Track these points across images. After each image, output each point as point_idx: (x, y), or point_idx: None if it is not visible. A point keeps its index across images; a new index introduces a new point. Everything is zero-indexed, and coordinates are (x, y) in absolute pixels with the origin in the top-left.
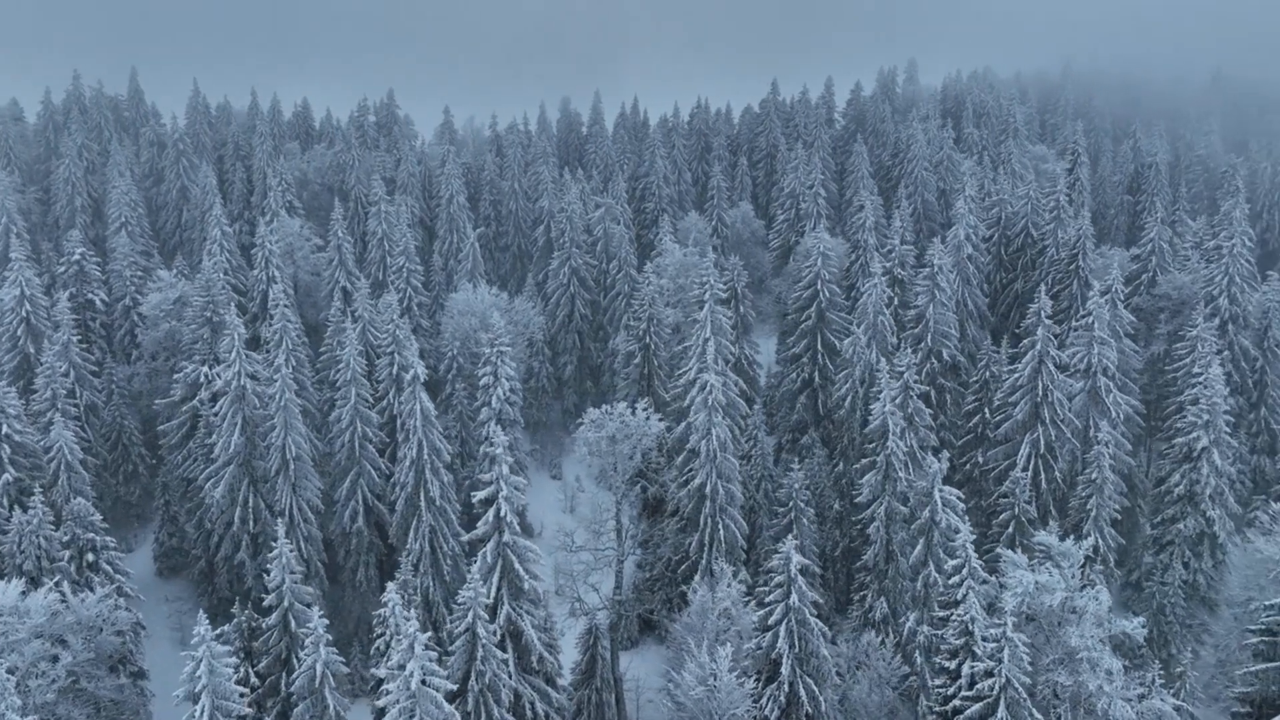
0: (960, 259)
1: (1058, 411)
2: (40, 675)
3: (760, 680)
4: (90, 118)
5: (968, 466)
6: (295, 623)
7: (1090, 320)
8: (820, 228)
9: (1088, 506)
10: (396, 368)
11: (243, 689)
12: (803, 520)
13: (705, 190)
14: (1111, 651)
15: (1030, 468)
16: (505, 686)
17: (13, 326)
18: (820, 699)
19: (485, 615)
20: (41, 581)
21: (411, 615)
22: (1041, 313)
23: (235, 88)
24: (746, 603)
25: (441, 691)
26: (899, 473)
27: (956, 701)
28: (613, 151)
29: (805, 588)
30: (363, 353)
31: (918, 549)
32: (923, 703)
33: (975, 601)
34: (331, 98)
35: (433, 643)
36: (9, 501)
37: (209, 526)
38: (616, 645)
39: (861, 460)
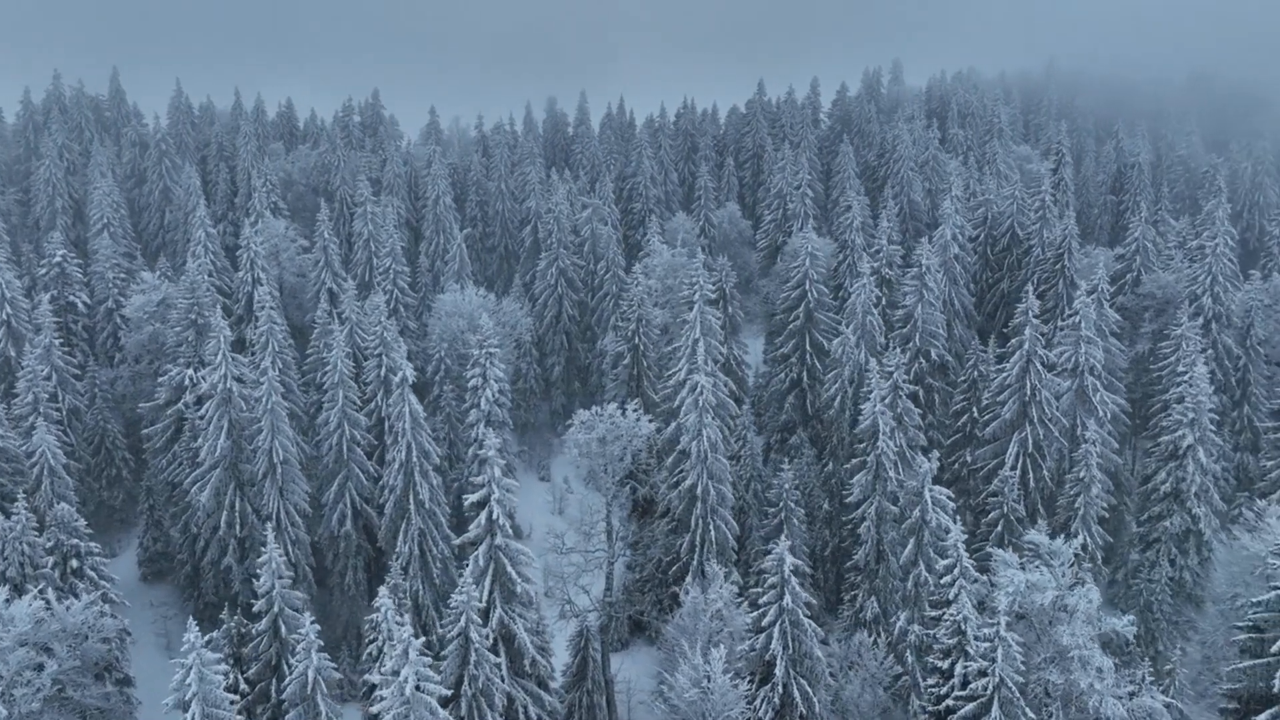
0: (947, 259)
1: (1045, 410)
2: (26, 684)
3: (754, 682)
4: (71, 118)
5: (956, 466)
6: (285, 628)
7: (1077, 320)
8: (808, 228)
9: (1076, 505)
10: (384, 370)
11: (232, 696)
12: (793, 520)
13: (692, 190)
14: (1101, 649)
15: (1018, 467)
16: (498, 691)
17: None
18: (814, 700)
19: (478, 619)
20: (25, 588)
21: (405, 620)
22: (1029, 312)
23: (218, 88)
24: (739, 604)
25: (435, 697)
26: (889, 472)
27: (950, 701)
28: (599, 152)
29: (799, 589)
30: (350, 355)
31: (908, 548)
32: (914, 702)
33: (967, 601)
34: (316, 98)
35: (424, 647)
36: None
37: (195, 531)
38: (607, 647)
39: (851, 460)
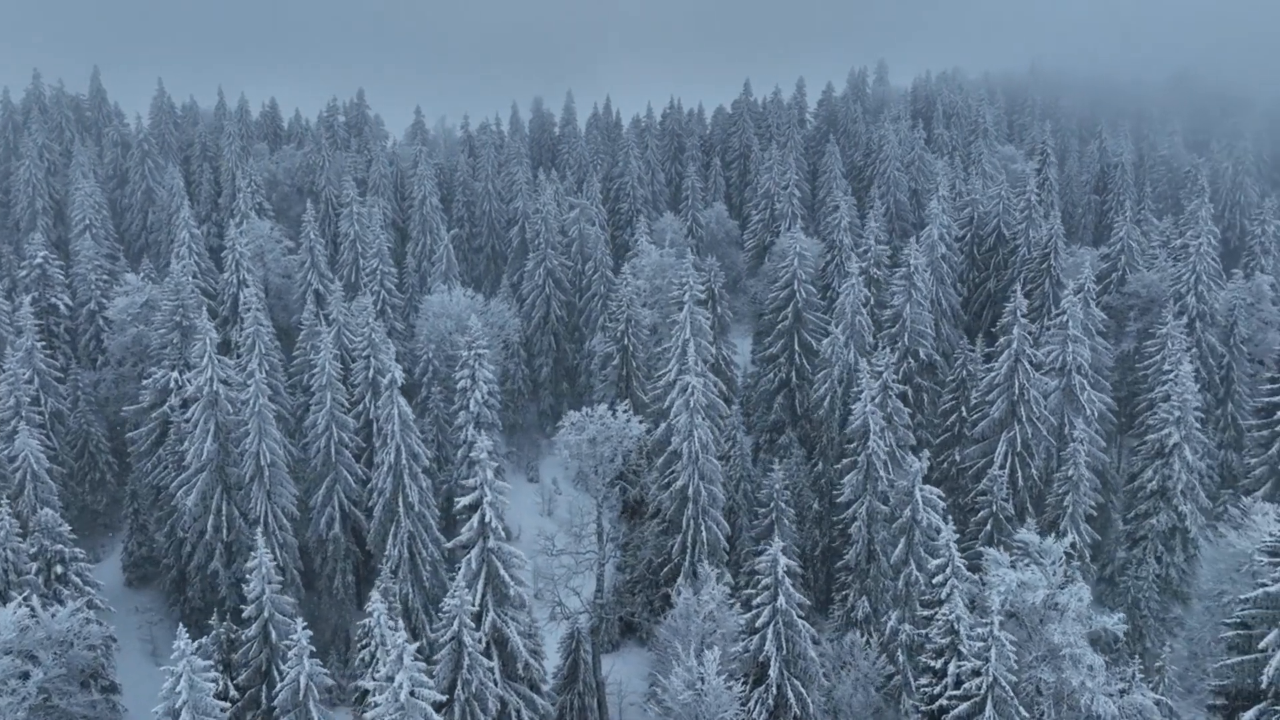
0: (934, 258)
1: (1034, 410)
2: (11, 693)
3: (748, 683)
4: (51, 118)
5: (945, 465)
6: (276, 634)
7: (1064, 319)
8: (796, 228)
9: (1064, 503)
10: (373, 372)
11: (223, 703)
12: (784, 521)
13: (679, 191)
14: (1091, 647)
15: (1007, 466)
16: (491, 695)
17: None
18: (808, 701)
19: (471, 623)
20: (9, 596)
21: (399, 625)
22: (1017, 312)
23: (201, 88)
24: (731, 605)
25: (429, 702)
26: (880, 472)
27: (943, 700)
28: (586, 152)
29: (792, 590)
30: (338, 356)
31: (899, 548)
32: (905, 701)
33: (960, 600)
34: (300, 98)
35: (415, 652)
36: None
37: (181, 535)
38: (598, 649)
39: (842, 460)
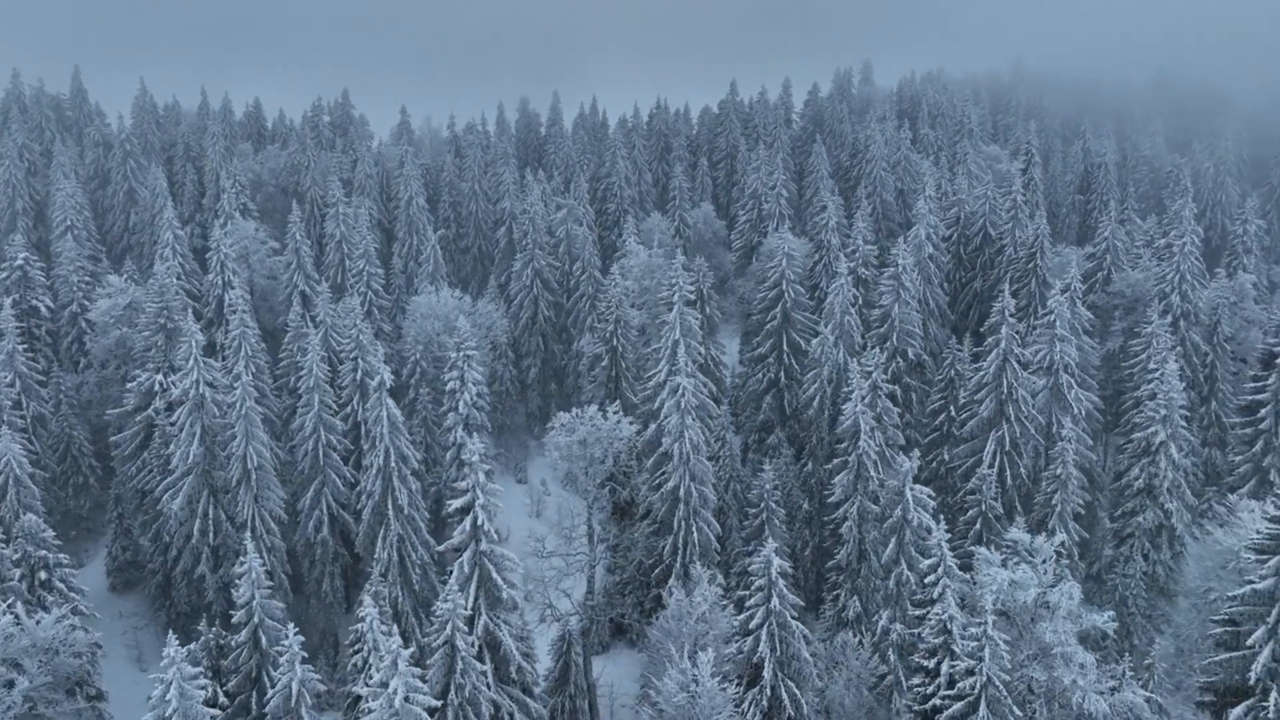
0: (922, 258)
1: (1022, 409)
2: None
3: (741, 684)
4: (31, 117)
5: (934, 464)
6: (266, 639)
7: (1052, 318)
8: (784, 228)
9: (1053, 502)
10: (361, 373)
11: (212, 710)
12: (774, 521)
13: (666, 191)
14: (1080, 645)
15: (996, 465)
16: (484, 699)
17: None
18: (802, 702)
19: (464, 627)
20: None
21: (393, 630)
22: (1005, 311)
23: (183, 88)
24: (723, 606)
25: (423, 708)
26: (870, 472)
27: (936, 700)
28: (573, 152)
29: (785, 591)
30: (325, 358)
31: (890, 548)
32: (897, 701)
33: (952, 600)
34: (284, 98)
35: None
36: None
37: (167, 539)
38: (589, 651)
39: (832, 460)
